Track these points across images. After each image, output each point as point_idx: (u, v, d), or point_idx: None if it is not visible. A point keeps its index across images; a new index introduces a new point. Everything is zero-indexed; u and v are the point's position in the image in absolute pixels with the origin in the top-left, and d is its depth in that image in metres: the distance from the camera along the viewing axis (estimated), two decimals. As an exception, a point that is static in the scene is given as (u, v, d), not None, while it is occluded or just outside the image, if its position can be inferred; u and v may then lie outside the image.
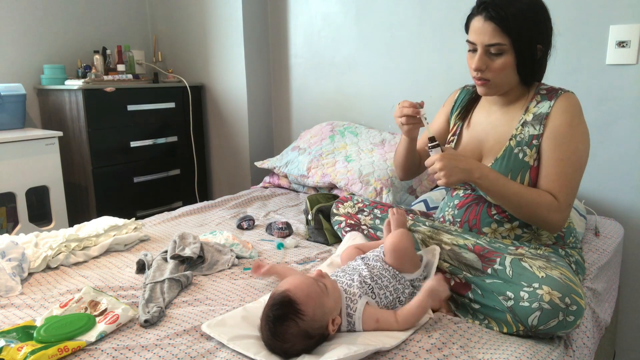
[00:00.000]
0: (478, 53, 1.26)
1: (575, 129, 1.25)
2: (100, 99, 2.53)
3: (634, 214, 1.90)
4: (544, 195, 1.23)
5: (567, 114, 1.25)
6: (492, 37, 1.22)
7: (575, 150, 1.24)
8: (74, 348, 1.02)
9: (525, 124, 1.30)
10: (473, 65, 1.27)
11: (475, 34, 1.25)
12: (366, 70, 2.53)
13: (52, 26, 2.80)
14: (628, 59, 1.81)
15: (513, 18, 1.20)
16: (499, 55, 1.24)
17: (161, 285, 1.29)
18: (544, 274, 1.08)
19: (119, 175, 2.67)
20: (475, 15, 1.26)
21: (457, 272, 1.22)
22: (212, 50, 2.92)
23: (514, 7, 1.20)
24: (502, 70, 1.25)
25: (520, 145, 1.29)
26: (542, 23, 1.25)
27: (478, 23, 1.25)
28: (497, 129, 1.36)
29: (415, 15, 2.31)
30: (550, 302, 1.03)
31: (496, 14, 1.21)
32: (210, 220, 1.98)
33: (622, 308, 1.97)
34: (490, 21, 1.22)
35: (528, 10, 1.22)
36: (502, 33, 1.21)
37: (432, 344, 1.03)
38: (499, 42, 1.22)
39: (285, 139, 2.95)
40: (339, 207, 1.62)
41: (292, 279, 1.05)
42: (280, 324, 0.97)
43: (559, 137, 1.25)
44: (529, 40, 1.23)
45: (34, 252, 1.50)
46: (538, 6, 1.25)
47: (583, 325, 1.18)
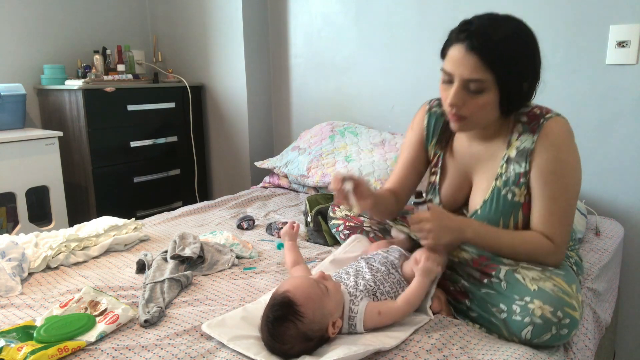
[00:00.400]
0: (454, 86, 1.10)
1: (564, 164, 1.13)
2: (100, 99, 2.53)
3: (634, 214, 1.90)
4: (539, 240, 1.14)
5: (554, 148, 1.13)
6: (474, 72, 1.07)
7: (566, 186, 1.14)
8: (74, 348, 1.02)
9: (509, 160, 1.18)
10: (448, 100, 1.13)
11: (454, 64, 1.10)
12: (366, 70, 2.53)
13: (52, 26, 2.80)
14: (628, 59, 1.81)
15: (499, 51, 1.06)
16: (480, 93, 1.09)
17: (161, 285, 1.29)
18: (536, 286, 1.04)
19: (119, 175, 2.67)
20: (455, 42, 1.11)
21: (456, 280, 1.20)
22: (212, 50, 2.92)
23: (501, 39, 1.06)
24: (482, 108, 1.11)
25: (508, 185, 1.18)
26: (531, 56, 1.11)
27: (458, 53, 1.09)
28: (481, 164, 1.25)
29: (415, 16, 2.31)
30: (542, 317, 1.00)
31: (480, 44, 1.06)
32: (210, 220, 1.98)
33: (622, 308, 1.97)
34: (472, 52, 1.06)
35: (516, 42, 1.08)
36: (485, 68, 1.06)
37: (432, 344, 1.03)
38: (481, 78, 1.07)
39: (285, 139, 2.95)
40: (335, 211, 1.60)
41: (294, 280, 1.05)
42: (279, 325, 0.97)
43: (548, 175, 1.13)
44: (516, 78, 1.09)
45: (34, 252, 1.50)
46: (526, 36, 1.11)
47: (584, 327, 1.18)
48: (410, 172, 1.39)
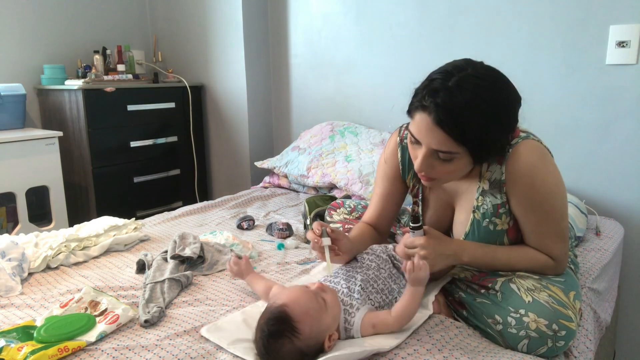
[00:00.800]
0: (422, 153, 1.04)
1: (541, 189, 1.07)
2: (100, 99, 2.53)
3: (634, 214, 1.90)
4: (537, 257, 1.12)
5: (525, 177, 1.07)
6: (442, 145, 1.01)
7: (552, 207, 1.09)
8: (74, 348, 1.02)
9: (484, 193, 1.14)
10: (416, 165, 1.07)
11: (420, 133, 1.03)
12: (366, 70, 2.53)
13: (52, 26, 2.79)
14: (628, 59, 1.81)
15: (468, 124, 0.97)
16: (449, 161, 1.04)
17: (161, 285, 1.29)
18: (530, 298, 1.03)
19: (119, 175, 2.67)
20: (421, 110, 1.02)
21: (453, 292, 1.19)
22: (212, 50, 2.91)
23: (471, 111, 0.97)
24: (453, 172, 1.08)
25: (487, 217, 1.14)
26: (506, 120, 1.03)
27: (424, 123, 1.01)
28: (459, 196, 1.22)
29: (415, 15, 2.31)
30: (537, 330, 0.99)
31: (446, 119, 0.97)
32: (210, 220, 1.98)
33: (622, 308, 1.97)
34: (439, 127, 0.99)
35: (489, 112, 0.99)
36: (454, 142, 0.99)
37: (432, 344, 1.03)
38: (450, 150, 1.01)
39: (285, 139, 2.95)
40: (332, 214, 1.58)
41: (292, 292, 1.01)
42: (274, 341, 0.93)
43: (529, 204, 1.09)
44: (488, 144, 1.02)
45: (34, 252, 1.50)
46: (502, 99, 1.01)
47: (584, 329, 1.18)
48: (389, 203, 1.33)
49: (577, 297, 1.08)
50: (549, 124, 1.98)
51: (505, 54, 2.06)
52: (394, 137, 1.32)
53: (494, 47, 2.08)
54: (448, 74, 1.01)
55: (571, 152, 1.97)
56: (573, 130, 1.96)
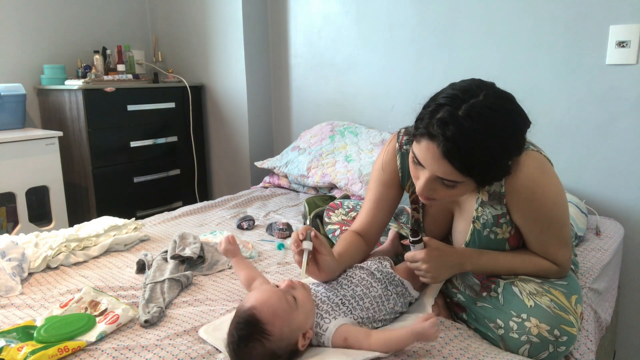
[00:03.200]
0: (425, 177, 1.02)
1: (542, 200, 1.06)
2: (100, 99, 2.53)
3: (634, 214, 1.90)
4: (540, 263, 1.11)
5: (525, 189, 1.05)
6: (448, 175, 0.98)
7: (554, 216, 1.08)
8: (74, 348, 1.02)
9: (483, 204, 1.12)
10: (418, 188, 1.04)
11: (425, 160, 0.99)
12: (366, 70, 2.53)
13: (52, 26, 2.79)
14: (628, 59, 1.81)
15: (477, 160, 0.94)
16: (453, 187, 1.01)
17: (161, 286, 1.29)
18: (532, 302, 1.03)
19: (119, 175, 2.67)
20: (428, 138, 0.97)
21: (452, 295, 1.19)
22: (212, 50, 2.91)
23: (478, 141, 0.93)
24: (456, 196, 1.07)
25: (487, 227, 1.13)
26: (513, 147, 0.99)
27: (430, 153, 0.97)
28: (458, 205, 1.20)
29: (415, 15, 2.31)
30: (538, 336, 0.99)
31: (455, 152, 0.94)
32: (210, 220, 1.98)
33: (622, 308, 1.97)
34: (446, 159, 0.95)
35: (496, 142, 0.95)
36: (460, 174, 0.97)
37: (432, 345, 1.03)
38: (456, 180, 0.99)
39: (285, 139, 2.95)
40: (330, 215, 1.56)
41: (260, 293, 0.97)
42: (244, 345, 0.90)
43: (531, 214, 1.08)
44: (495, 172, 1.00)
45: (34, 252, 1.50)
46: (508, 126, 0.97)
47: (584, 329, 1.18)
48: (381, 211, 1.27)
49: (579, 301, 1.08)
50: (549, 124, 1.98)
51: (505, 54, 2.06)
52: (392, 143, 1.26)
53: (494, 47, 2.08)
54: (457, 100, 0.96)
55: (571, 152, 1.97)
56: (573, 130, 1.96)
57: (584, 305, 1.26)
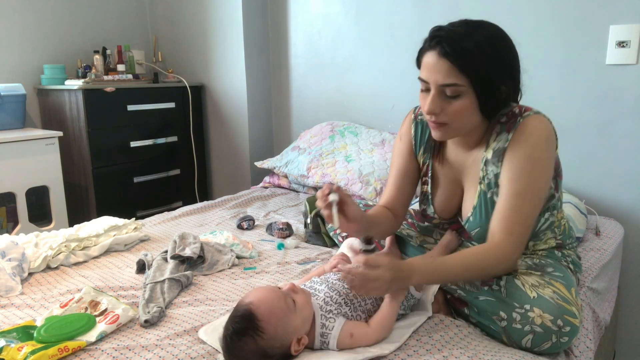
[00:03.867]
0: (431, 94, 1.09)
1: (535, 162, 1.09)
2: (100, 99, 2.53)
3: (634, 214, 1.90)
4: (489, 253, 1.08)
5: (526, 144, 1.09)
6: (447, 77, 1.06)
7: (534, 186, 1.09)
8: (74, 348, 1.02)
9: (487, 162, 1.16)
10: (425, 108, 1.11)
11: (428, 71, 1.09)
12: (366, 70, 2.53)
13: (52, 26, 2.79)
14: (628, 59, 1.81)
15: (471, 54, 1.04)
16: (456, 98, 1.08)
17: (161, 285, 1.29)
18: (535, 293, 1.03)
19: (119, 175, 2.67)
20: (428, 50, 1.10)
21: (452, 291, 1.19)
22: (212, 50, 2.91)
23: (472, 42, 1.05)
24: (461, 113, 1.09)
25: (491, 187, 1.15)
26: (506, 59, 1.09)
27: (431, 59, 1.08)
28: (467, 170, 1.23)
29: (415, 15, 2.31)
30: (542, 325, 1.00)
31: (452, 50, 1.04)
32: (210, 220, 1.98)
33: (622, 308, 1.97)
34: (444, 58, 1.05)
35: (488, 45, 1.06)
36: (459, 72, 1.05)
37: (432, 344, 1.03)
38: (456, 82, 1.06)
39: (285, 139, 2.95)
40: None
41: (260, 291, 0.99)
42: (237, 339, 0.92)
43: (516, 171, 1.09)
44: (491, 80, 1.07)
45: (34, 252, 1.50)
46: (500, 40, 1.10)
47: (584, 329, 1.18)
48: (405, 182, 1.33)
49: (577, 294, 1.09)
50: (549, 124, 1.98)
51: (505, 54, 2.06)
52: (409, 115, 1.35)
53: (494, 47, 2.08)
54: (453, 23, 1.11)
55: (571, 152, 1.96)
56: (573, 130, 1.96)
57: (582, 304, 1.27)
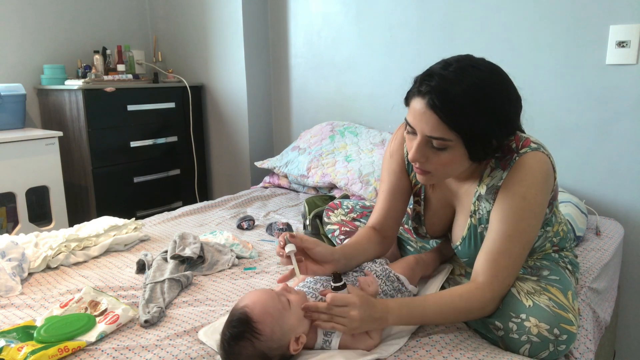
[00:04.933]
0: (417, 142, 1.02)
1: (529, 204, 1.03)
2: (100, 99, 2.53)
3: (634, 213, 1.90)
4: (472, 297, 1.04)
5: (521, 185, 1.03)
6: (435, 130, 0.99)
7: (527, 227, 1.04)
8: (74, 348, 1.02)
9: (480, 197, 1.11)
10: (410, 155, 1.05)
11: (415, 119, 1.02)
12: (366, 70, 2.53)
13: (52, 26, 2.79)
14: (628, 59, 1.81)
15: (460, 109, 0.96)
16: (443, 150, 1.01)
17: (161, 286, 1.29)
18: (531, 302, 1.01)
19: (119, 175, 2.67)
20: (417, 95, 1.01)
21: None
22: (212, 50, 2.91)
23: (463, 92, 0.96)
24: (447, 165, 1.04)
25: (482, 222, 1.12)
26: (499, 110, 1.00)
27: (419, 107, 1.00)
28: (459, 199, 1.19)
29: (415, 15, 2.31)
30: (538, 335, 0.98)
31: (440, 104, 0.96)
32: (210, 220, 1.98)
33: (622, 308, 1.97)
34: (432, 110, 0.98)
35: (481, 95, 0.97)
36: (447, 128, 0.98)
37: (432, 345, 1.03)
38: (443, 136, 0.99)
39: (285, 139, 2.95)
40: (330, 215, 1.56)
41: (254, 294, 0.98)
42: (235, 344, 0.91)
43: (509, 212, 1.04)
44: (481, 136, 0.99)
45: (34, 252, 1.50)
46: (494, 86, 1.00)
47: (584, 329, 1.18)
48: (396, 201, 1.27)
49: (574, 297, 1.07)
50: (549, 124, 1.98)
51: (505, 53, 2.06)
52: (400, 130, 1.28)
53: (493, 47, 2.08)
54: (447, 64, 1.02)
55: (571, 152, 1.97)
56: (573, 130, 1.96)
57: (582, 305, 1.27)
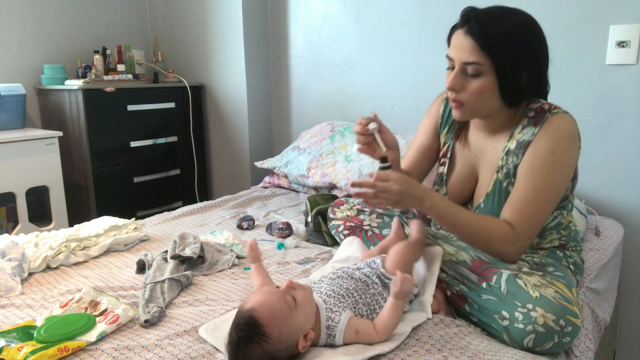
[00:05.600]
0: (454, 71, 1.16)
1: (558, 158, 1.12)
2: (100, 99, 2.53)
3: (634, 213, 1.90)
4: (499, 226, 1.14)
5: (551, 139, 1.13)
6: (470, 55, 1.11)
7: (553, 181, 1.13)
8: (74, 348, 1.02)
9: (509, 152, 1.19)
10: (447, 84, 1.18)
11: (454, 49, 1.16)
12: (366, 70, 2.53)
13: (52, 26, 2.80)
14: (628, 59, 1.81)
15: (495, 36, 1.09)
16: (476, 77, 1.13)
17: (161, 285, 1.29)
18: (538, 293, 1.03)
19: (119, 175, 2.67)
20: (457, 28, 1.16)
21: (453, 284, 1.18)
22: (212, 50, 2.92)
23: (500, 25, 1.10)
24: (478, 94, 1.14)
25: (509, 177, 1.19)
26: (531, 46, 1.13)
27: (458, 38, 1.15)
28: (485, 157, 1.27)
29: (415, 15, 2.31)
30: (544, 325, 0.99)
31: (478, 29, 1.10)
32: (210, 220, 1.98)
33: (622, 308, 1.97)
34: (470, 36, 1.11)
35: (516, 31, 1.11)
36: (481, 51, 1.10)
37: (432, 344, 1.03)
38: (477, 60, 1.11)
39: (285, 139, 2.95)
40: (335, 212, 1.57)
41: (259, 295, 0.97)
42: (244, 347, 0.91)
43: (538, 164, 1.13)
44: (512, 64, 1.11)
45: (34, 252, 1.50)
46: (530, 27, 1.14)
47: (584, 329, 1.18)
48: (423, 159, 1.41)
49: (577, 294, 1.09)
50: (548, 124, 1.98)
51: (505, 54, 2.06)
52: (441, 95, 1.41)
53: (494, 47, 2.08)
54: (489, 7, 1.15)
55: (571, 152, 1.96)
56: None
57: (582, 304, 1.27)
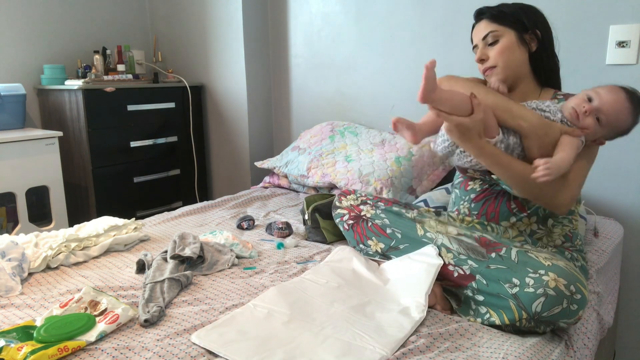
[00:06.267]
0: (479, 49, 1.38)
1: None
2: (100, 99, 2.53)
3: (634, 214, 1.90)
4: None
5: None
6: (486, 29, 1.36)
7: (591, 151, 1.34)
8: (74, 348, 1.02)
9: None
10: (476, 57, 1.39)
11: (475, 36, 1.41)
12: (366, 70, 2.53)
13: (52, 26, 2.80)
14: (628, 59, 1.81)
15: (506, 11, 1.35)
16: (497, 42, 1.35)
17: (161, 285, 1.29)
18: (550, 262, 1.09)
19: (119, 175, 2.67)
20: (476, 22, 1.42)
21: (461, 264, 1.20)
22: (212, 50, 2.92)
23: (509, 7, 1.36)
24: (502, 52, 1.34)
25: None
26: (540, 18, 1.37)
27: (476, 28, 1.41)
28: None
29: (415, 15, 2.31)
30: (555, 289, 1.03)
31: (489, 12, 1.37)
32: (210, 220, 1.98)
33: (623, 308, 1.97)
34: (484, 19, 1.38)
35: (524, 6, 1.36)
36: (494, 23, 1.35)
37: (431, 341, 1.03)
38: (492, 29, 1.35)
39: (285, 139, 2.95)
40: (341, 200, 1.60)
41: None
42: None
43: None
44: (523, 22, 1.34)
45: (34, 252, 1.50)
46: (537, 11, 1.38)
47: (584, 327, 1.18)
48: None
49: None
50: (548, 124, 1.98)
51: (505, 54, 2.06)
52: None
53: (493, 47, 2.08)
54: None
55: (571, 152, 1.96)
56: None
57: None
